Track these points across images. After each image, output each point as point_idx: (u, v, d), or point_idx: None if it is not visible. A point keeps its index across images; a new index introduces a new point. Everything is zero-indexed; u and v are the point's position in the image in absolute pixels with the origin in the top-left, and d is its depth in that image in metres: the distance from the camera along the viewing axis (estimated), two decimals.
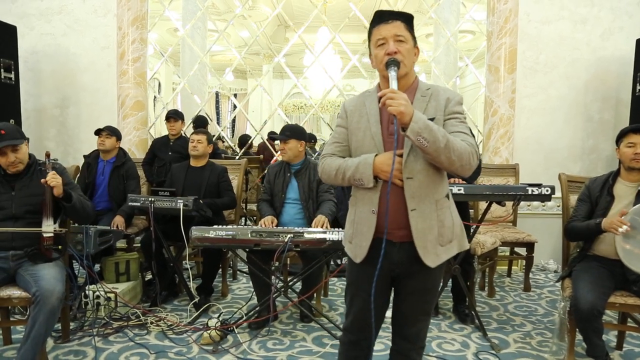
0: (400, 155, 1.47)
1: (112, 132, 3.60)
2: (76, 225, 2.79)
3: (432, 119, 1.45)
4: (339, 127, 1.67)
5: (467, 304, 3.02)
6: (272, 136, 3.10)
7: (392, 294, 1.69)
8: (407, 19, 1.54)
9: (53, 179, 2.24)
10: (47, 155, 2.37)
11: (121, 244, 3.72)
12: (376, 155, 1.50)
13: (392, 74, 1.46)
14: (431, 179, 1.51)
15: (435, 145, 1.38)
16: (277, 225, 2.97)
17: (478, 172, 3.02)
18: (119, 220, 3.33)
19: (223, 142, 6.80)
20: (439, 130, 1.40)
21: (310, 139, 6.65)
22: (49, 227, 2.29)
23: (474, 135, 1.58)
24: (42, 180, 2.25)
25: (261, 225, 2.88)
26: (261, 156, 5.95)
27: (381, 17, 1.53)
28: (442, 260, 1.55)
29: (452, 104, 1.54)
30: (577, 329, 2.25)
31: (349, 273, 1.69)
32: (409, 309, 1.62)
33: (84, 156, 3.75)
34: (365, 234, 1.56)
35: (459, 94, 1.59)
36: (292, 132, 3.07)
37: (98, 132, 3.59)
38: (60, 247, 2.29)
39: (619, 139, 2.37)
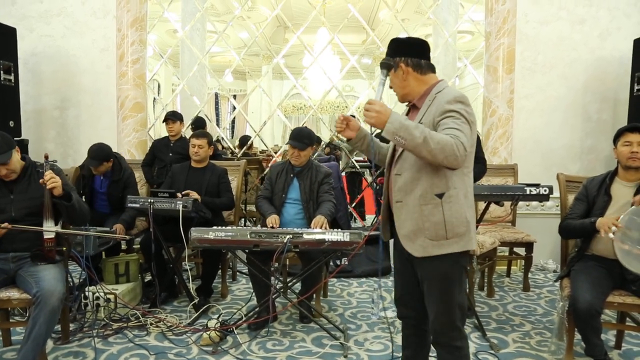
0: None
1: (101, 159, 3.38)
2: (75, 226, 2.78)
3: (420, 122, 1.60)
4: None
5: None
6: (290, 142, 3.11)
7: None
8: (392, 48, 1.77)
9: (52, 179, 2.20)
10: (46, 157, 2.33)
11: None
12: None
13: (381, 78, 1.67)
14: (415, 177, 1.64)
15: (413, 142, 1.48)
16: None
17: (484, 170, 3.08)
18: (119, 228, 3.27)
19: (221, 144, 6.76)
20: (416, 128, 1.49)
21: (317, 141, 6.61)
22: (49, 229, 2.28)
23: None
24: (41, 181, 2.21)
25: (268, 224, 2.91)
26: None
27: None
28: (430, 254, 1.64)
29: (445, 103, 1.59)
30: (576, 329, 2.26)
31: None
32: (425, 296, 1.73)
33: (79, 167, 3.58)
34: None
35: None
36: (310, 140, 3.11)
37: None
38: (64, 248, 2.29)
39: (616, 138, 2.38)
